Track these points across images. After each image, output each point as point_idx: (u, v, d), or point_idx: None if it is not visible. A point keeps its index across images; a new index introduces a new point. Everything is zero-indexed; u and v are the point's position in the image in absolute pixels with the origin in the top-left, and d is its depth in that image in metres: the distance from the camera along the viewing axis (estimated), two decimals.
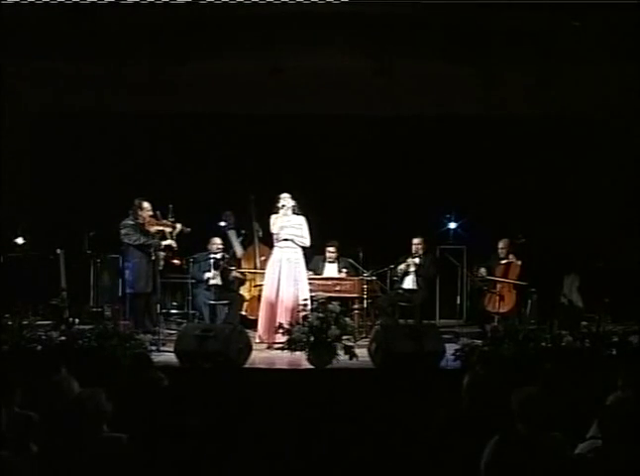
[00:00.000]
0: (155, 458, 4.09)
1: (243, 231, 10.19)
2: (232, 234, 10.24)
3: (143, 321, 8.61)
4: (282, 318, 8.17)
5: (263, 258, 9.83)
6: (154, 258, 8.65)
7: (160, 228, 8.76)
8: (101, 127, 10.74)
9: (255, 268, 9.97)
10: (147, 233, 8.78)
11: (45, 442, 4.10)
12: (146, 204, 8.87)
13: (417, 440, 4.23)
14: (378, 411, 5.58)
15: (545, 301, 9.82)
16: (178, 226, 8.83)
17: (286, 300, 8.46)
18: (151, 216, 8.84)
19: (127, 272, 8.97)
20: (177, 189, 9.99)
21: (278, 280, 8.57)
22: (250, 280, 9.99)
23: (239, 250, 10.20)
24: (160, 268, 9.09)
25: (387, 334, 7.50)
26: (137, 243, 8.76)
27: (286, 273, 8.58)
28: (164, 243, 8.76)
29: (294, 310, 8.15)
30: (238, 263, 10.07)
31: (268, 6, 8.25)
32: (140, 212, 8.81)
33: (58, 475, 3.95)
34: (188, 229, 8.90)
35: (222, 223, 10.32)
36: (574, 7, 8.39)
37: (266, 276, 8.79)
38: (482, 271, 9.80)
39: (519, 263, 9.70)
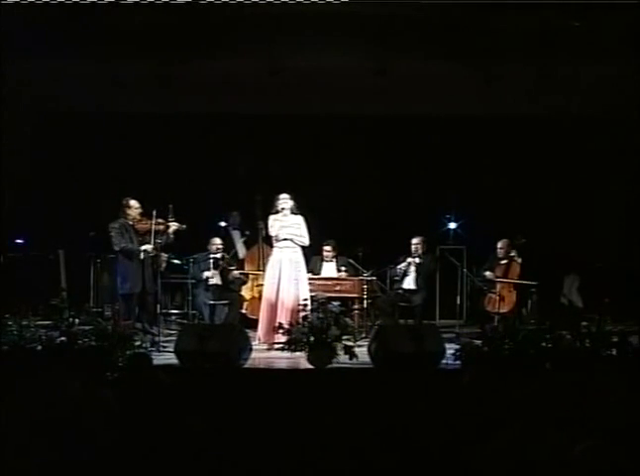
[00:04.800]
0: (154, 458, 4.09)
1: (247, 232, 10.19)
2: (236, 234, 10.25)
3: (133, 321, 8.55)
4: (283, 319, 8.16)
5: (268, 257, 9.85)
6: (142, 257, 8.57)
7: (150, 227, 8.59)
8: (102, 127, 10.75)
9: (258, 268, 9.95)
10: (137, 233, 8.68)
11: (45, 442, 4.10)
12: (133, 202, 8.73)
13: (417, 440, 4.23)
14: (379, 411, 5.58)
15: (545, 301, 9.83)
16: (174, 225, 8.68)
17: (287, 301, 8.45)
18: (140, 214, 8.75)
19: (117, 273, 8.91)
20: (178, 189, 9.98)
21: (279, 280, 8.56)
22: (252, 279, 9.98)
23: (241, 251, 10.21)
24: (162, 269, 9.07)
25: (387, 334, 7.50)
26: (117, 249, 8.64)
27: (287, 273, 8.57)
28: (142, 248, 8.54)
29: (295, 311, 8.14)
30: (240, 263, 10.07)
31: (268, 6, 8.26)
32: (128, 211, 8.72)
33: (58, 473, 3.95)
34: (184, 226, 8.77)
35: (223, 223, 10.34)
36: (574, 7, 8.39)
37: (266, 276, 8.78)
38: (488, 274, 9.79)
39: (519, 261, 9.70)
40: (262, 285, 9.57)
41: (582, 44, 8.80)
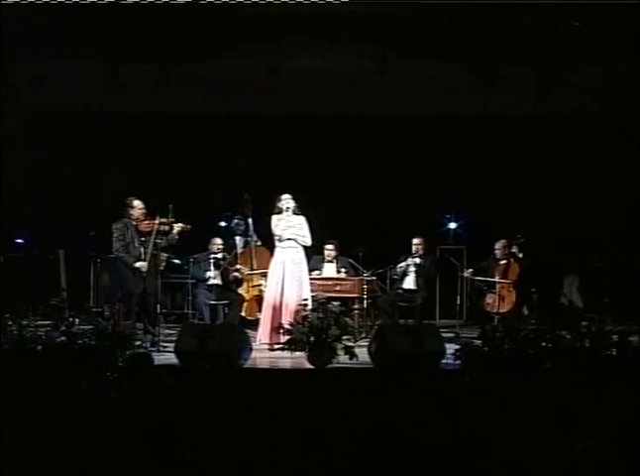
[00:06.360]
0: (154, 458, 4.09)
1: (248, 238, 10.19)
2: (238, 240, 10.28)
3: (134, 321, 8.54)
4: (286, 319, 8.13)
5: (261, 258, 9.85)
6: (143, 258, 8.57)
7: (153, 227, 8.56)
8: (101, 127, 10.77)
9: (251, 269, 9.96)
10: (140, 233, 8.67)
11: (44, 441, 4.10)
12: (136, 202, 8.67)
13: (418, 440, 4.23)
14: (378, 411, 5.58)
15: (545, 301, 9.83)
16: (178, 226, 8.65)
17: (290, 302, 8.43)
18: (144, 215, 8.73)
19: (118, 273, 8.89)
20: (178, 189, 9.99)
21: (282, 281, 8.54)
22: (247, 280, 9.97)
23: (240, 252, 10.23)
24: (162, 268, 9.06)
25: (387, 334, 7.49)
26: (118, 255, 8.57)
27: (290, 274, 8.56)
28: (136, 265, 8.45)
29: (297, 311, 8.12)
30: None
31: (268, 6, 8.26)
32: (131, 211, 8.69)
33: (58, 473, 3.95)
34: (189, 226, 8.77)
35: (223, 223, 10.35)
36: (574, 7, 8.40)
37: (269, 277, 8.77)
38: (469, 271, 9.76)
39: (520, 257, 9.68)
40: (257, 286, 9.58)
41: (582, 44, 8.80)
